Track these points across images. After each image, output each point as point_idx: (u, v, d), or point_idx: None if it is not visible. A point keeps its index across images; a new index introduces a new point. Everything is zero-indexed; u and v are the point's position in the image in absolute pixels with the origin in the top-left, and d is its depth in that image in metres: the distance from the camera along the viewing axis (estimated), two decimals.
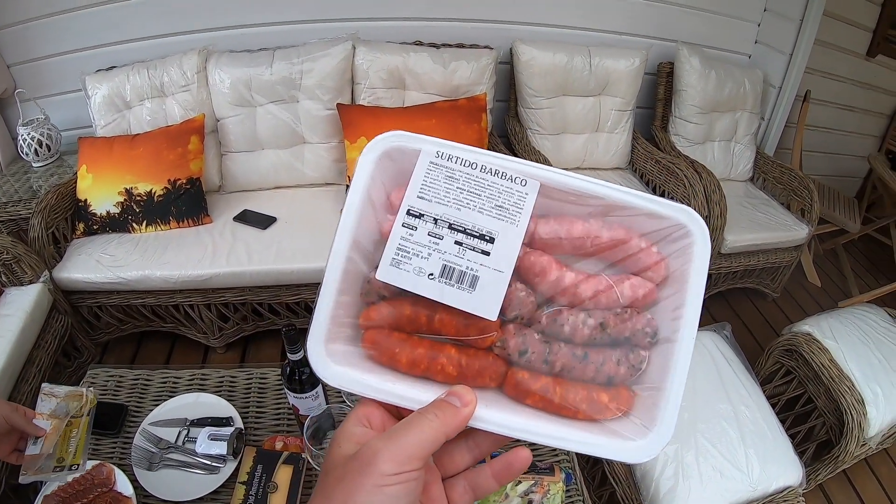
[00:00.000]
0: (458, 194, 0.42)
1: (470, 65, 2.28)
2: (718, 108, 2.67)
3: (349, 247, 0.42)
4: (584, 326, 0.43)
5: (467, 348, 0.43)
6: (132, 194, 2.08)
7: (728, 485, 1.43)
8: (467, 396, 0.39)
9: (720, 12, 2.78)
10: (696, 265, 0.42)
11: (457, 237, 0.42)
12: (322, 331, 0.42)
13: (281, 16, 2.36)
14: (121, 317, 2.12)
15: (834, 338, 1.90)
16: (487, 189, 0.42)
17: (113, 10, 2.26)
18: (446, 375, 0.42)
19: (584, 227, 0.43)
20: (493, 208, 0.42)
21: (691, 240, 0.43)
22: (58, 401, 1.11)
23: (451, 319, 0.42)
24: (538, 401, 0.42)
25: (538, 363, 0.43)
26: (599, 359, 0.43)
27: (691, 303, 0.42)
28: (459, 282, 0.41)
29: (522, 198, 0.42)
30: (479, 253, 0.41)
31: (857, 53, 3.17)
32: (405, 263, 0.41)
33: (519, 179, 0.43)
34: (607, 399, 0.42)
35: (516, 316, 0.43)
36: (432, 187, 0.42)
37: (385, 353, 0.42)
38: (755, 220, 2.52)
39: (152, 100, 2.21)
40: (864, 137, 3.53)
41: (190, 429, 1.31)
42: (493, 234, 0.42)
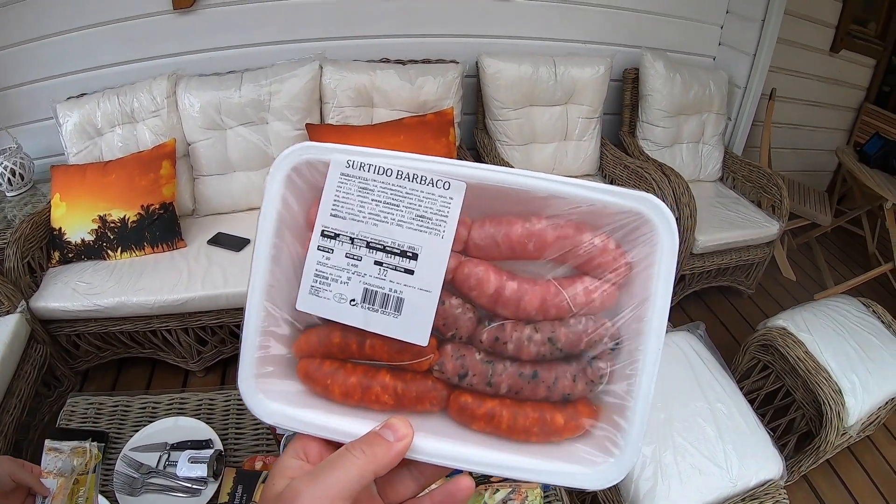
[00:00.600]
0: (374, 207, 0.38)
1: (436, 80, 2.30)
2: (685, 110, 2.71)
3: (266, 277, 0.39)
4: (530, 343, 0.38)
5: (404, 373, 0.39)
6: (106, 221, 2.09)
7: (708, 482, 1.45)
8: (402, 430, 0.36)
9: (683, 17, 2.82)
10: (661, 258, 0.37)
11: (376, 257, 0.38)
12: (250, 368, 0.39)
13: (249, 38, 2.37)
14: (99, 344, 2.12)
15: (808, 330, 1.94)
16: (406, 198, 0.38)
17: (82, 37, 2.26)
18: (382, 404, 0.39)
19: (525, 228, 0.38)
20: (413, 219, 0.37)
21: (653, 230, 0.37)
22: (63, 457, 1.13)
23: (382, 344, 0.39)
24: (486, 425, 0.39)
25: (481, 385, 0.39)
26: (551, 376, 0.38)
27: (658, 303, 0.37)
28: (384, 306, 0.37)
29: (447, 203, 0.38)
30: (402, 272, 0.37)
31: (821, 50, 3.23)
32: (324, 290, 0.38)
33: (441, 182, 0.38)
34: (563, 420, 0.38)
35: (454, 335, 0.39)
36: (346, 202, 0.38)
37: (318, 384, 0.40)
38: (726, 219, 2.56)
39: (123, 126, 2.21)
40: (832, 132, 3.59)
41: (170, 453, 1.31)
42: (416, 248, 0.37)
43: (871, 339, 1.98)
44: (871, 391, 1.80)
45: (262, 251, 0.39)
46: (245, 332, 0.39)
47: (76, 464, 1.13)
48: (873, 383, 1.82)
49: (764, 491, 1.50)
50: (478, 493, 1.25)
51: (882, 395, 1.84)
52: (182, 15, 2.29)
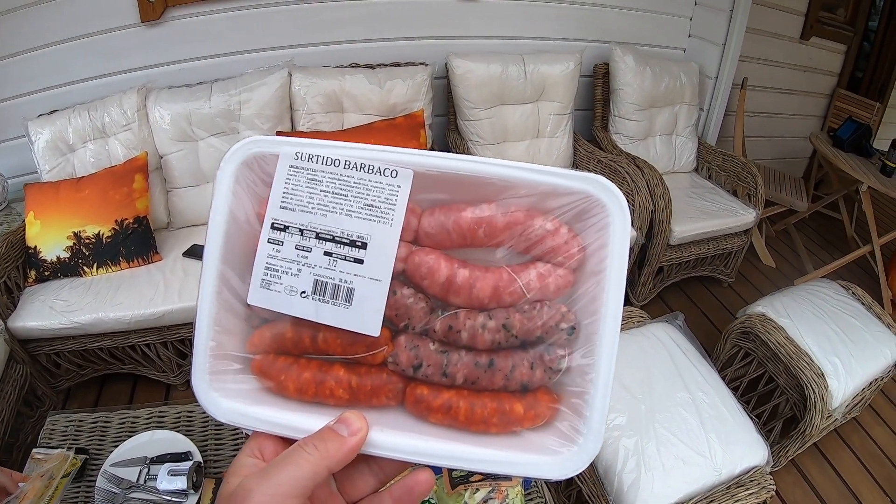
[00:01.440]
0: (323, 198, 0.38)
1: (406, 82, 2.29)
2: (656, 103, 2.71)
3: (217, 273, 0.38)
4: (485, 331, 0.37)
5: (358, 366, 0.39)
6: (81, 238, 2.07)
7: (692, 471, 1.44)
8: (356, 424, 0.35)
9: (652, 10, 2.83)
10: (614, 241, 0.37)
11: (326, 247, 0.37)
12: (203, 366, 0.38)
13: (217, 48, 2.35)
14: (79, 362, 2.09)
15: (788, 315, 1.94)
16: (354, 188, 0.37)
17: (51, 53, 2.23)
18: (337, 399, 0.38)
19: (475, 214, 0.38)
20: (362, 208, 0.37)
21: (605, 212, 0.37)
22: (43, 463, 1.14)
23: (335, 338, 0.38)
24: (443, 418, 0.38)
25: (437, 376, 0.38)
26: (508, 364, 0.38)
27: (612, 284, 0.36)
28: (334, 297, 0.37)
29: (394, 192, 0.37)
30: (352, 262, 0.37)
31: (792, 38, 3.24)
32: (275, 283, 0.37)
33: (388, 171, 0.37)
34: (522, 409, 0.37)
35: (406, 325, 0.38)
36: (295, 194, 0.38)
37: (273, 379, 0.39)
38: (702, 209, 2.56)
39: (95, 141, 2.19)
40: (805, 118, 3.60)
41: (150, 466, 1.32)
42: (365, 238, 0.37)
43: (852, 321, 1.98)
44: (853, 373, 1.80)
45: (212, 248, 0.38)
46: (197, 330, 0.38)
47: (55, 470, 1.13)
48: (856, 365, 1.82)
49: (749, 478, 1.49)
50: (458, 494, 1.24)
51: (865, 377, 1.84)
52: (150, 27, 2.27)
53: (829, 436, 2.09)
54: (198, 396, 0.38)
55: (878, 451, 2.11)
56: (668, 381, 1.66)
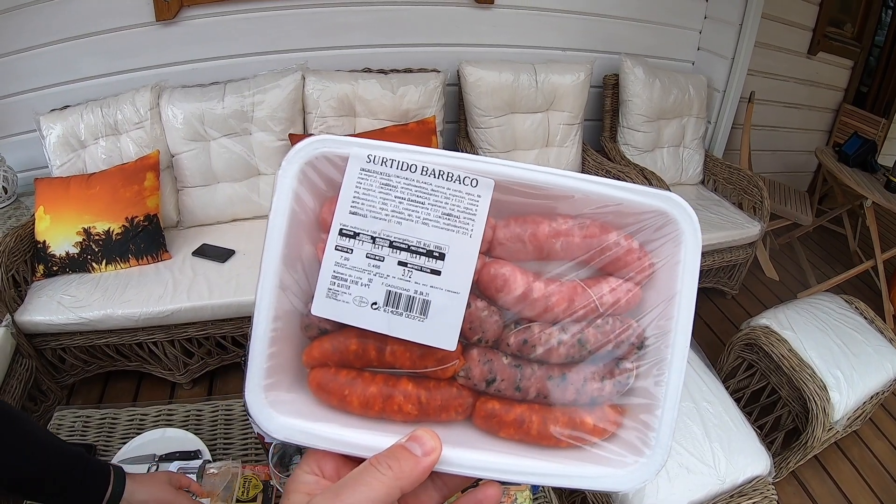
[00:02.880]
0: (398, 205, 0.36)
1: (418, 89, 2.32)
2: (665, 115, 2.75)
3: (277, 279, 0.36)
4: (560, 344, 0.37)
5: (427, 381, 0.38)
6: (90, 234, 2.09)
7: (696, 479, 1.46)
8: (430, 443, 0.34)
9: (662, 23, 2.87)
10: (684, 257, 0.37)
11: (400, 257, 0.36)
12: (258, 379, 0.36)
13: (231, 49, 2.39)
14: (85, 358, 2.11)
15: (792, 328, 1.96)
16: (432, 195, 0.36)
17: (65, 49, 2.26)
18: (405, 415, 0.37)
19: (552, 227, 0.37)
20: (440, 217, 0.36)
21: (677, 229, 0.37)
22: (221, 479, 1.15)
23: (404, 350, 0.37)
24: (514, 433, 0.37)
25: (509, 391, 0.37)
26: (580, 379, 0.38)
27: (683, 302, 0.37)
28: (408, 309, 0.35)
29: (474, 201, 0.36)
30: (429, 273, 0.36)
31: (799, 52, 3.29)
32: (343, 293, 0.36)
33: (469, 180, 0.36)
34: (592, 422, 0.37)
35: (479, 339, 0.37)
36: (366, 199, 0.36)
37: (334, 394, 0.37)
38: (708, 221, 2.59)
39: (107, 138, 2.21)
40: (811, 133, 3.65)
41: (159, 464, 1.30)
42: (443, 248, 0.36)
43: (854, 335, 2.00)
44: (855, 386, 1.83)
45: (272, 251, 0.36)
46: (253, 340, 0.36)
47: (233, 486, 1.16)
48: (857, 378, 1.85)
49: (752, 487, 1.52)
50: None
51: (866, 390, 1.87)
52: (165, 26, 2.30)
53: (830, 448, 2.12)
54: (251, 412, 0.36)
55: (878, 464, 2.14)
56: None
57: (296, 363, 0.38)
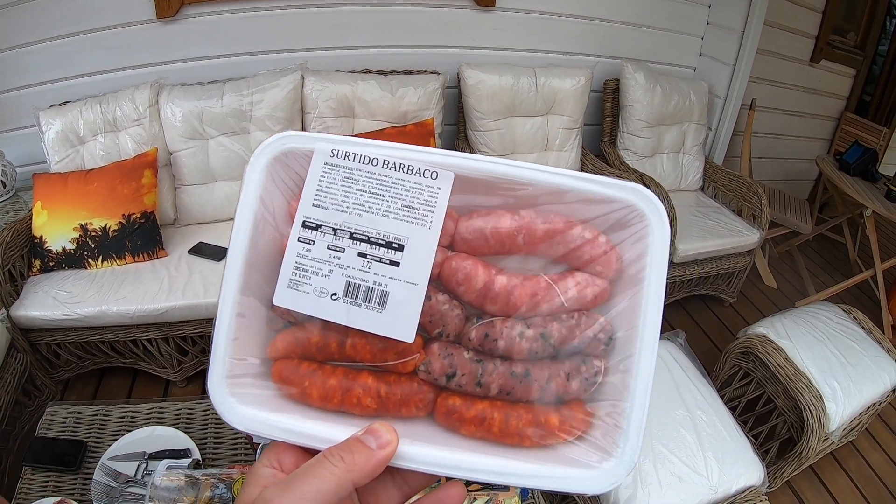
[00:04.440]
0: (359, 197, 0.36)
1: (417, 90, 2.31)
2: (665, 121, 2.74)
3: (242, 271, 0.37)
4: (522, 339, 0.36)
5: (387, 374, 0.37)
6: (87, 230, 2.08)
7: (688, 489, 1.45)
8: (385, 436, 0.33)
9: (664, 28, 2.86)
10: (653, 252, 0.36)
11: (360, 248, 0.36)
12: (221, 369, 0.36)
13: (231, 48, 2.38)
14: (80, 354, 2.10)
15: (788, 337, 1.95)
16: (392, 188, 0.36)
17: (64, 44, 2.25)
18: (364, 408, 0.37)
19: (514, 221, 0.37)
20: (399, 209, 0.36)
21: (645, 223, 0.36)
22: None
23: (364, 343, 0.37)
24: (475, 430, 0.37)
25: (471, 386, 0.37)
26: (544, 375, 0.36)
27: (652, 297, 0.36)
28: (367, 300, 0.35)
29: (434, 193, 0.36)
30: (388, 264, 0.36)
31: (801, 60, 3.28)
32: (304, 284, 0.36)
33: (429, 172, 0.37)
34: (558, 421, 0.36)
35: (440, 333, 0.37)
36: (329, 192, 0.37)
37: (295, 386, 0.37)
38: (706, 228, 2.58)
39: (105, 134, 2.21)
40: (812, 141, 3.64)
41: (148, 462, 1.32)
42: (402, 239, 0.36)
43: (852, 345, 1.99)
44: (851, 397, 1.82)
45: (238, 245, 0.37)
46: (217, 332, 0.36)
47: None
48: (854, 389, 1.83)
49: (745, 498, 1.51)
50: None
51: (863, 401, 1.85)
52: (165, 24, 2.30)
53: (826, 458, 2.10)
54: (214, 401, 0.36)
55: (874, 476, 2.13)
56: (667, 399, 1.68)
57: (260, 355, 0.38)
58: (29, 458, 1.33)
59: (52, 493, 1.26)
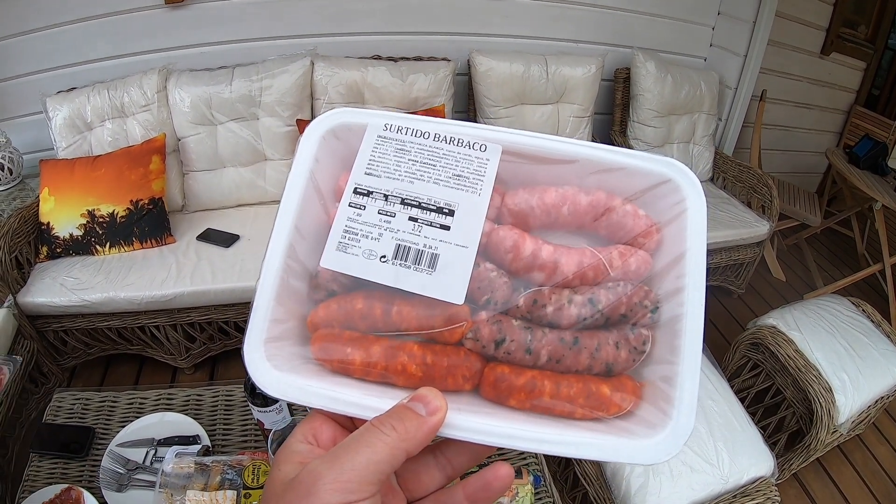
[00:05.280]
0: (411, 167, 0.37)
1: (428, 77, 2.28)
2: (676, 110, 2.70)
3: (290, 237, 0.36)
4: (571, 305, 0.36)
5: (433, 344, 0.36)
6: (95, 216, 2.06)
7: (699, 478, 1.44)
8: (435, 402, 0.31)
9: (675, 17, 2.82)
10: (692, 223, 0.36)
11: (411, 213, 0.36)
12: (260, 333, 0.35)
13: (240, 33, 2.35)
14: (87, 340, 2.09)
15: (798, 329, 1.93)
16: (443, 158, 0.37)
17: (72, 31, 2.23)
18: (409, 378, 0.35)
19: (559, 194, 0.38)
20: (450, 178, 0.37)
21: (682, 195, 0.37)
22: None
23: (411, 310, 0.35)
24: (524, 400, 0.35)
25: (519, 354, 0.35)
26: (594, 343, 0.36)
27: (694, 266, 0.35)
28: (417, 262, 0.35)
29: (483, 164, 0.37)
30: (438, 228, 0.36)
31: (812, 52, 3.24)
32: (353, 247, 0.36)
33: (478, 145, 0.38)
34: (609, 390, 0.35)
35: (488, 300, 0.36)
36: (381, 161, 0.37)
37: (336, 355, 0.35)
38: (715, 219, 2.55)
39: (113, 120, 2.18)
40: (822, 134, 3.60)
41: (157, 448, 1.31)
42: (453, 205, 0.36)
43: (861, 338, 1.97)
44: (860, 389, 1.80)
45: (286, 212, 0.37)
46: (258, 294, 0.35)
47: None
48: (863, 381, 1.82)
49: (755, 488, 1.49)
50: None
51: (872, 394, 1.83)
52: (174, 9, 2.26)
53: (832, 451, 2.09)
54: (248, 365, 0.34)
55: (880, 469, 2.11)
56: None
57: (300, 326, 0.37)
58: (36, 445, 1.30)
59: (59, 479, 1.24)
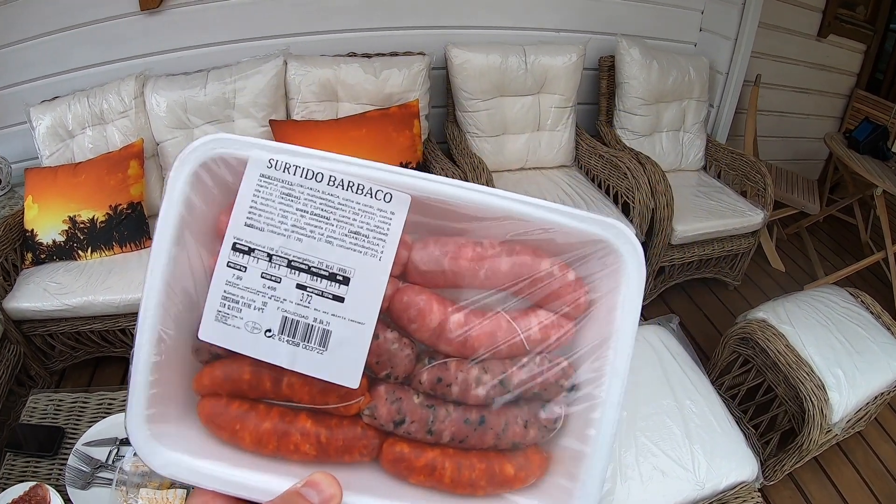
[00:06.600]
0: (299, 219, 0.30)
1: (402, 72, 2.18)
2: (663, 98, 2.55)
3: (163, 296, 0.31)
4: (479, 385, 0.31)
5: (328, 417, 0.32)
6: (76, 222, 2.03)
7: (672, 484, 1.33)
8: (328, 490, 0.29)
9: (662, 2, 2.67)
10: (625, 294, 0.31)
11: (299, 279, 0.30)
12: (141, 408, 0.31)
13: (215, 37, 2.29)
14: (72, 344, 2.06)
15: (790, 322, 1.79)
16: (339, 209, 0.30)
17: (53, 41, 2.20)
18: (302, 455, 0.32)
19: (477, 252, 0.32)
20: (346, 235, 0.30)
21: (618, 260, 0.32)
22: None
23: (303, 384, 0.32)
24: (425, 479, 0.32)
25: (420, 434, 0.32)
26: (501, 423, 0.32)
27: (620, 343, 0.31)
28: (306, 339, 0.30)
29: (386, 219, 0.31)
30: (330, 299, 0.30)
31: (808, 35, 3.05)
32: (234, 317, 0.30)
33: (381, 194, 0.30)
34: (513, 470, 0.32)
35: (388, 374, 0.32)
36: (265, 210, 0.30)
37: (224, 428, 0.32)
38: (706, 209, 2.40)
39: (93, 127, 2.14)
40: (822, 119, 3.40)
41: (119, 448, 1.32)
42: (348, 271, 0.30)
43: (859, 331, 1.83)
44: (857, 386, 1.66)
45: (157, 264, 0.31)
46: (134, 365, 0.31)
47: None
48: (860, 377, 1.67)
49: (735, 494, 1.38)
50: None
51: (870, 390, 1.69)
52: (149, 16, 2.22)
53: (831, 450, 1.93)
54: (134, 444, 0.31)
55: (883, 469, 1.95)
56: (654, 388, 1.54)
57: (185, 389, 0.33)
58: (11, 445, 1.34)
59: (30, 477, 1.27)
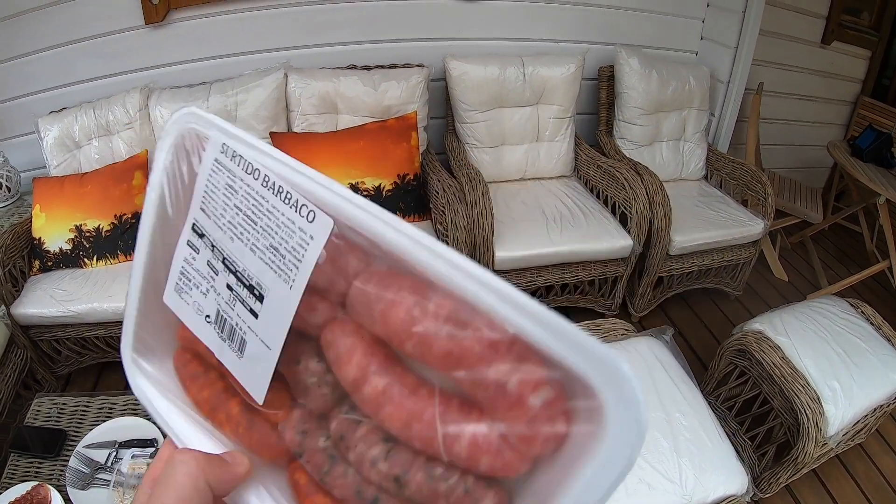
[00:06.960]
0: (234, 216, 0.28)
1: (400, 84, 2.19)
2: (663, 107, 2.53)
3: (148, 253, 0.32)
4: (373, 469, 0.25)
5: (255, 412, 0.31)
6: (82, 231, 2.07)
7: (657, 498, 1.30)
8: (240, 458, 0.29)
9: (661, 12, 2.64)
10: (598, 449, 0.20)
11: (229, 279, 0.29)
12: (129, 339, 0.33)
13: (219, 49, 2.31)
14: (79, 349, 2.09)
15: (787, 334, 1.76)
16: (265, 216, 0.27)
17: (61, 53, 2.24)
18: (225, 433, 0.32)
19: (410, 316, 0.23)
20: (267, 249, 0.27)
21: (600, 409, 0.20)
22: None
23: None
24: None
25: (316, 475, 0.28)
26: None
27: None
28: (230, 339, 0.29)
29: (303, 242, 0.25)
30: (248, 312, 0.28)
31: (812, 42, 3.01)
32: (186, 293, 0.31)
33: (306, 210, 0.25)
34: None
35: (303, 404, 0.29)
36: (213, 199, 0.29)
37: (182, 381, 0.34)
38: (706, 219, 2.37)
39: (99, 138, 2.19)
40: (827, 126, 3.34)
41: (118, 450, 1.37)
42: (263, 289, 0.27)
43: (857, 343, 1.79)
44: (854, 399, 1.63)
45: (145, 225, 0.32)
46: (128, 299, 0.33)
47: None
48: (857, 390, 1.64)
49: None
50: None
51: (868, 403, 1.66)
52: (154, 29, 2.25)
53: (831, 462, 1.89)
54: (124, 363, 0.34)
55: (884, 482, 1.91)
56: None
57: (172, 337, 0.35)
58: (16, 445, 1.40)
59: (33, 477, 1.32)
